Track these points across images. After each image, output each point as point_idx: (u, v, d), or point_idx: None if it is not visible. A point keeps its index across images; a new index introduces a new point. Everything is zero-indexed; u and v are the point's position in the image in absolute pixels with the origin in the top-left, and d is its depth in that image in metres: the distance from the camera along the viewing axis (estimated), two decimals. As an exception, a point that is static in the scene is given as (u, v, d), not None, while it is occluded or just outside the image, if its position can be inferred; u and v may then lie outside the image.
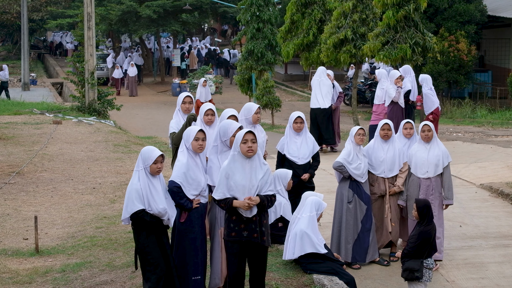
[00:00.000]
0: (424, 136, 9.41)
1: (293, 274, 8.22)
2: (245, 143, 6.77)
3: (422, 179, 9.44)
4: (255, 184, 6.83)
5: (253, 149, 6.79)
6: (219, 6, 42.95)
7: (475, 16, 27.99)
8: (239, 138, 6.80)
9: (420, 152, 9.43)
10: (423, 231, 8.02)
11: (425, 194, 9.39)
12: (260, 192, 6.87)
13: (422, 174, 9.43)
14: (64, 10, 45.63)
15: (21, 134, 18.73)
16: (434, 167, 9.38)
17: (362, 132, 9.49)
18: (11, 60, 49.52)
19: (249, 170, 6.83)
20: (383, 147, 9.55)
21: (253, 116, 9.25)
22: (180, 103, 9.25)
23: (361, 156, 9.44)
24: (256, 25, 27.58)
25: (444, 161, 9.42)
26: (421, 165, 9.40)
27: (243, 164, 6.82)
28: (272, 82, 25.63)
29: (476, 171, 15.15)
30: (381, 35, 19.17)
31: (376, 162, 9.56)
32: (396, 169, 9.56)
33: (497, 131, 21.89)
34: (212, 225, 7.62)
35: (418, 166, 9.43)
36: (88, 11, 23.15)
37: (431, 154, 9.37)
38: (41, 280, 8.69)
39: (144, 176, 7.07)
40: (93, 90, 23.40)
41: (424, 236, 7.99)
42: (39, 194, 13.04)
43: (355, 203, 9.46)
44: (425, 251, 7.99)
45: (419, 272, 7.98)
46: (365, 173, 9.48)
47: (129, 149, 17.43)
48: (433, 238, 8.00)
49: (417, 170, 9.46)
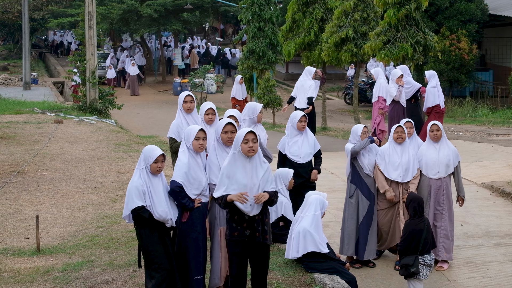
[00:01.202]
0: (433, 136, 9.33)
1: (295, 273, 8.22)
2: (246, 143, 6.78)
3: (433, 179, 9.37)
4: (256, 183, 6.83)
5: (254, 149, 6.80)
6: (220, 5, 42.95)
7: (476, 15, 27.98)
8: (240, 137, 6.81)
9: (430, 152, 9.36)
10: (408, 225, 8.17)
11: (435, 195, 9.36)
12: (262, 190, 6.88)
13: (433, 175, 9.35)
14: (65, 9, 45.64)
15: (22, 134, 18.74)
16: (445, 167, 9.32)
17: (366, 130, 9.48)
18: (12, 59, 49.52)
19: (250, 169, 6.83)
20: (397, 150, 9.42)
21: (258, 116, 9.49)
22: (182, 102, 9.26)
23: (366, 154, 9.43)
24: (257, 24, 27.60)
25: (455, 160, 9.39)
26: (432, 165, 9.33)
27: (244, 164, 6.82)
28: (273, 81, 25.68)
29: (477, 170, 15.15)
30: (382, 34, 19.18)
31: (392, 167, 9.39)
32: (411, 174, 9.41)
33: (498, 130, 21.88)
34: (211, 224, 7.63)
35: (429, 166, 9.36)
36: (89, 10, 23.15)
37: (442, 154, 9.31)
38: (42, 280, 8.69)
39: (145, 175, 7.09)
40: (94, 89, 23.40)
41: (409, 230, 8.08)
42: (40, 193, 13.05)
43: (357, 198, 9.45)
44: (415, 246, 8.02)
45: (414, 267, 8.02)
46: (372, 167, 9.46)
47: (130, 148, 17.43)
48: (425, 234, 8.00)
49: (428, 170, 9.38)
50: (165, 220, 7.12)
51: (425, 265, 8.11)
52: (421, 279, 8.16)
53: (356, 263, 9.50)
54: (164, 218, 7.10)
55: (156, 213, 7.05)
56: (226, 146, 7.37)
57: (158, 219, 7.08)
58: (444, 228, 9.40)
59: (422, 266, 8.10)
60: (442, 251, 9.40)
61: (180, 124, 9.21)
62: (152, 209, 7.05)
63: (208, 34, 60.28)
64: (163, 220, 7.11)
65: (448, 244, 9.42)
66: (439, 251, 9.39)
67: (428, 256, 8.13)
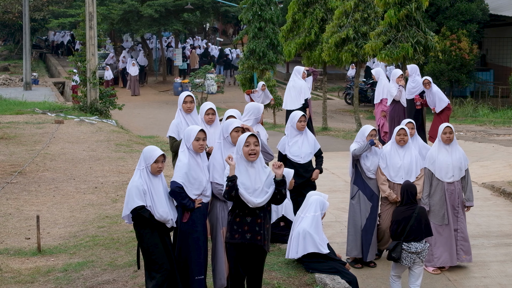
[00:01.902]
0: (446, 138, 9.24)
1: (295, 273, 8.23)
2: (248, 146, 6.78)
3: (446, 183, 9.30)
4: (260, 186, 6.83)
5: (256, 152, 6.79)
6: (221, 5, 42.95)
7: (477, 15, 27.98)
8: (242, 141, 6.80)
9: (443, 155, 9.26)
10: (395, 211, 8.36)
11: (450, 198, 9.32)
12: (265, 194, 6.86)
13: (448, 178, 9.27)
14: (66, 9, 45.61)
15: (23, 134, 18.74)
16: (458, 170, 9.28)
17: (374, 133, 9.41)
18: (13, 59, 49.52)
19: (253, 173, 6.84)
20: (399, 152, 9.39)
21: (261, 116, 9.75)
22: (182, 102, 9.27)
23: (370, 156, 9.41)
24: (258, 24, 27.60)
25: (465, 163, 9.35)
26: (446, 168, 9.24)
27: (246, 168, 6.83)
28: (274, 82, 25.71)
29: (478, 170, 15.14)
30: (383, 34, 19.17)
31: (393, 169, 9.37)
32: (413, 176, 9.38)
33: (499, 130, 21.89)
34: (213, 225, 7.62)
35: (443, 170, 9.26)
36: (89, 10, 23.15)
37: (454, 157, 9.25)
38: (43, 280, 8.69)
39: (145, 175, 7.10)
40: (94, 90, 23.40)
41: (395, 216, 8.25)
42: (41, 194, 13.05)
43: (359, 200, 9.44)
44: (401, 232, 8.11)
45: (395, 252, 8.12)
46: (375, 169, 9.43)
47: (131, 149, 17.44)
48: (412, 221, 8.08)
49: (442, 174, 9.28)
50: (166, 220, 7.12)
51: (409, 252, 8.13)
52: (404, 265, 8.22)
53: (357, 263, 9.50)
54: (165, 219, 7.11)
55: (157, 213, 7.06)
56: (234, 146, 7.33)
57: (158, 220, 7.09)
58: (461, 231, 9.39)
59: (406, 253, 8.13)
60: (461, 253, 9.40)
61: (179, 124, 9.23)
62: (153, 209, 7.06)
63: (209, 34, 60.27)
64: (164, 220, 7.11)
65: (466, 246, 9.41)
66: (458, 254, 9.39)
67: (415, 244, 8.13)
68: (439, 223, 9.31)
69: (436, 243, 9.34)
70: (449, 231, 9.32)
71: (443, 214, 9.30)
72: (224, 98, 33.07)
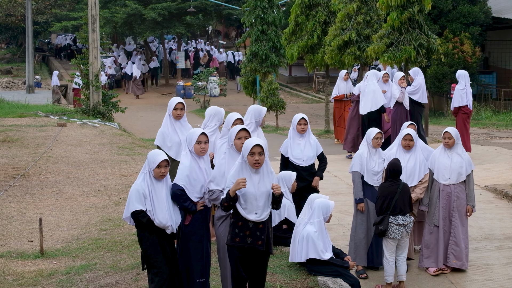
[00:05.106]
0: (445, 143, 9.33)
1: (298, 276, 8.23)
2: (252, 156, 6.74)
3: (442, 185, 9.34)
4: (264, 192, 6.81)
5: (260, 162, 6.76)
6: (224, 8, 42.98)
7: (480, 17, 27.96)
8: (247, 149, 6.76)
9: (443, 158, 9.33)
10: (380, 187, 8.86)
11: (446, 200, 9.33)
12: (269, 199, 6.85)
13: (444, 180, 9.32)
14: (69, 12, 45.67)
15: (26, 137, 18.76)
16: (457, 174, 9.28)
17: (380, 136, 9.36)
18: (15, 62, 49.57)
19: (257, 179, 6.80)
20: (404, 156, 9.39)
21: (263, 119, 9.64)
22: (172, 108, 9.21)
23: (375, 158, 9.35)
24: (261, 27, 27.62)
25: (468, 168, 9.37)
26: (444, 171, 9.30)
27: (250, 174, 6.79)
28: (277, 84, 25.69)
29: (480, 173, 15.12)
30: (386, 37, 19.16)
31: None
32: (416, 180, 9.39)
33: (502, 133, 21.87)
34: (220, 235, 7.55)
35: (440, 172, 9.33)
36: (92, 13, 23.18)
37: (454, 161, 9.27)
38: (46, 283, 8.70)
39: (148, 179, 7.08)
40: (97, 93, 23.42)
41: (380, 191, 8.73)
42: (43, 197, 13.07)
43: (367, 206, 9.33)
44: (387, 206, 8.55)
45: (382, 225, 8.56)
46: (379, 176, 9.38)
47: (134, 152, 17.45)
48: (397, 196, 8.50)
49: (439, 176, 9.36)
50: (165, 226, 7.09)
51: (396, 225, 8.56)
52: (393, 238, 8.60)
53: (363, 273, 9.36)
54: (164, 225, 7.08)
55: (156, 219, 7.04)
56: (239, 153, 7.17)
57: (158, 225, 7.07)
58: (453, 235, 9.36)
59: (394, 226, 8.57)
60: (450, 257, 9.38)
61: (166, 132, 9.21)
62: (153, 215, 7.04)
63: (211, 37, 60.31)
64: (163, 226, 7.08)
65: (458, 251, 9.36)
66: (447, 257, 9.38)
67: (401, 217, 8.58)
68: (429, 223, 9.38)
69: (425, 242, 9.45)
70: (438, 233, 9.33)
71: (433, 215, 9.33)
72: (227, 101, 33.08)
